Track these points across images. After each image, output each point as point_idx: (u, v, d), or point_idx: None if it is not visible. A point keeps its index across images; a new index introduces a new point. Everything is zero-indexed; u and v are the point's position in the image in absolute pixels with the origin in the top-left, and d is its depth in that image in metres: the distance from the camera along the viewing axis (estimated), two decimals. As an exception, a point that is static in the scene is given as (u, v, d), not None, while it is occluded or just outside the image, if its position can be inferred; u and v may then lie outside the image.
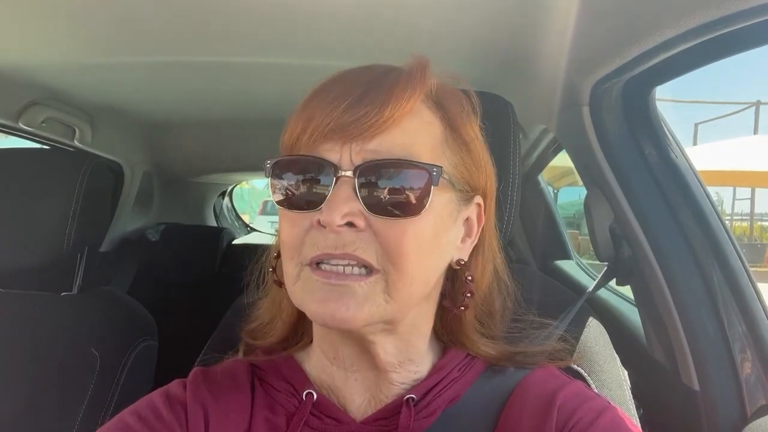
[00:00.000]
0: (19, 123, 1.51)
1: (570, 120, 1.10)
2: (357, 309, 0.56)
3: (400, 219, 0.57)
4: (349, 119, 0.56)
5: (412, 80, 0.59)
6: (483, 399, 0.66)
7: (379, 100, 0.57)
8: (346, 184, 0.57)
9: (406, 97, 0.58)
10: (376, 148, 0.57)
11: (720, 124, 13.66)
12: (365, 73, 0.61)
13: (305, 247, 0.58)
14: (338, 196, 0.56)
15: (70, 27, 1.13)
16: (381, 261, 0.57)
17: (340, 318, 0.56)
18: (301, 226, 0.59)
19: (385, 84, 0.59)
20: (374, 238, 0.57)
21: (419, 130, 0.60)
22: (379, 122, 0.56)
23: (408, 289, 0.59)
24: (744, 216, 13.22)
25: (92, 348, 1.22)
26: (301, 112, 0.60)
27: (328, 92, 0.59)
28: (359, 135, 0.57)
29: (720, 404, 0.91)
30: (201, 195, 3.21)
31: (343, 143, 0.57)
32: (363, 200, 0.57)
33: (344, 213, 0.56)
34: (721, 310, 0.94)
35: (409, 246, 0.57)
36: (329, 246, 0.56)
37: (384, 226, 0.57)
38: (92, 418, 1.16)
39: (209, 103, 1.82)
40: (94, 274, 1.43)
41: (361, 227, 0.57)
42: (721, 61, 0.81)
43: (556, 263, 1.98)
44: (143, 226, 2.50)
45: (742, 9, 0.61)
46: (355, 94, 0.58)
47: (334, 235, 0.56)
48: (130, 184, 2.15)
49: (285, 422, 0.64)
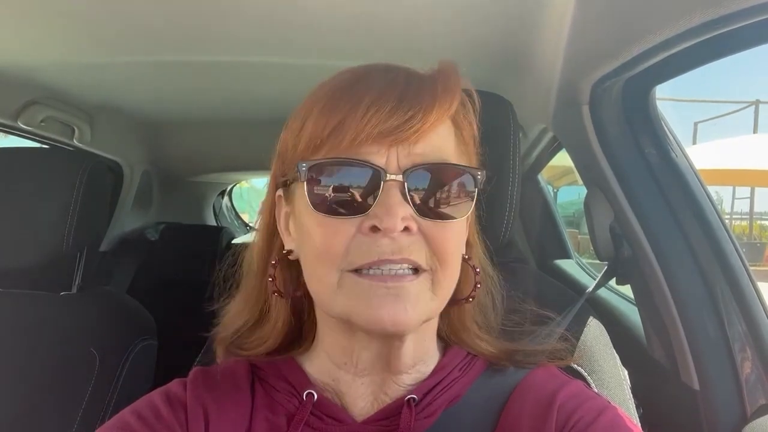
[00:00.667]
0: (18, 122, 1.51)
1: (570, 119, 1.10)
2: (413, 310, 0.57)
3: (448, 221, 0.59)
4: (396, 122, 0.55)
5: (451, 86, 0.60)
6: (483, 399, 0.66)
7: (424, 104, 0.57)
8: (395, 188, 0.56)
9: (448, 102, 0.58)
10: (422, 151, 0.57)
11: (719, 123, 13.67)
12: (391, 75, 0.60)
13: (352, 254, 0.57)
14: (393, 200, 0.55)
15: (70, 26, 1.13)
16: (429, 261, 0.58)
17: (400, 321, 0.56)
18: (346, 233, 0.57)
19: (424, 88, 0.58)
20: (423, 240, 0.58)
21: (448, 133, 0.61)
22: (425, 126, 0.56)
23: (450, 285, 0.61)
24: (743, 215, 13.23)
25: (91, 347, 1.21)
26: (325, 111, 0.58)
27: (358, 93, 0.58)
28: (406, 139, 0.56)
29: (720, 403, 0.91)
30: (200, 194, 3.22)
31: (389, 146, 0.57)
32: (414, 204, 0.57)
33: (402, 216, 0.55)
34: (721, 310, 0.94)
35: (454, 246, 0.60)
36: (386, 252, 0.56)
37: (433, 229, 0.58)
38: (91, 418, 1.15)
39: (209, 102, 1.82)
40: (94, 274, 1.42)
41: (414, 231, 0.57)
42: (720, 60, 0.81)
43: (556, 262, 1.98)
44: (142, 225, 2.50)
45: (742, 8, 0.61)
46: (394, 96, 0.57)
47: (388, 240, 0.56)
48: (130, 184, 2.15)
49: (285, 422, 0.64)
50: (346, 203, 0.57)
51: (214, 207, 3.51)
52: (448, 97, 0.58)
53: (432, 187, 0.58)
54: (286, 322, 0.69)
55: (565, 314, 0.87)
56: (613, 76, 0.91)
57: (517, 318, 0.77)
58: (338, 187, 0.57)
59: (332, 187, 0.58)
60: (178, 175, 2.63)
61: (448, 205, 0.59)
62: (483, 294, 0.72)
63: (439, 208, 0.58)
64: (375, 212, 0.56)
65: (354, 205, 0.57)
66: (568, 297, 0.93)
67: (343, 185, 0.57)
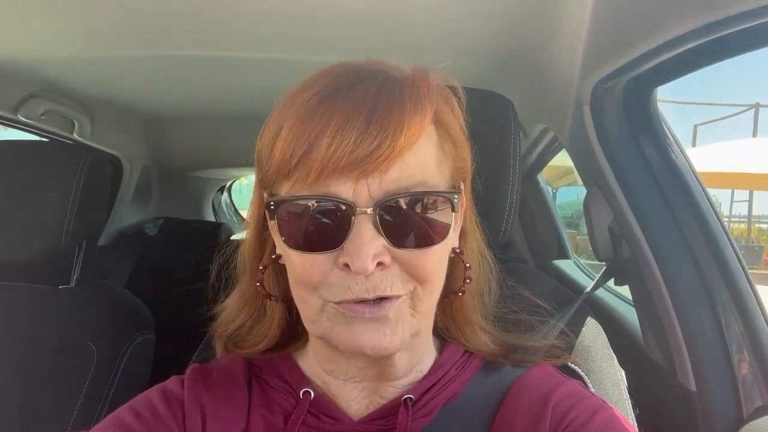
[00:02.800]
0: (18, 115, 1.51)
1: (570, 119, 1.10)
2: (393, 334, 0.57)
3: (426, 248, 0.57)
4: (363, 153, 0.52)
5: (420, 101, 0.56)
6: (480, 397, 0.66)
7: (391, 127, 0.53)
8: (366, 222, 0.54)
9: (418, 121, 0.55)
10: (396, 176, 0.55)
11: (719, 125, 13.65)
12: (360, 90, 0.56)
13: (331, 288, 0.57)
14: (363, 237, 0.54)
15: (71, 20, 1.12)
16: (407, 286, 0.57)
17: (379, 347, 0.56)
18: (322, 267, 0.56)
19: (392, 106, 0.55)
20: (399, 269, 0.57)
21: (425, 144, 0.58)
22: (394, 153, 0.53)
23: (431, 300, 0.60)
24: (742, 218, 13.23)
25: (89, 341, 1.21)
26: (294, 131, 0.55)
27: (324, 117, 0.54)
28: (375, 169, 0.53)
29: (716, 405, 0.91)
30: (200, 190, 3.21)
31: (357, 178, 0.54)
32: (387, 236, 0.55)
33: (374, 254, 0.54)
34: (719, 311, 0.94)
35: (434, 267, 0.59)
36: (362, 291, 0.55)
37: (409, 257, 0.56)
38: (88, 412, 1.16)
39: (209, 97, 1.81)
40: (92, 268, 1.42)
41: (387, 264, 0.56)
42: (721, 63, 0.81)
43: (555, 263, 1.98)
44: (141, 220, 2.50)
45: (743, 11, 0.61)
46: (360, 119, 0.53)
47: (363, 278, 0.55)
48: (129, 178, 2.15)
49: (282, 421, 0.64)
50: (319, 239, 0.56)
51: (213, 203, 3.51)
52: (418, 114, 0.55)
53: (405, 215, 0.55)
54: (281, 320, 0.69)
55: (564, 314, 0.87)
56: (614, 77, 0.91)
57: (515, 306, 0.78)
58: (310, 222, 0.55)
59: (304, 224, 0.56)
60: (177, 170, 2.63)
61: (424, 231, 0.56)
62: (482, 282, 0.72)
63: (415, 237, 0.56)
64: (347, 249, 0.54)
65: (327, 240, 0.55)
66: (567, 297, 0.93)
67: (314, 221, 0.55)
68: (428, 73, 0.60)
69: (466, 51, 1.22)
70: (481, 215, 0.72)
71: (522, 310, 0.78)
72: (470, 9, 1.02)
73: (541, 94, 1.24)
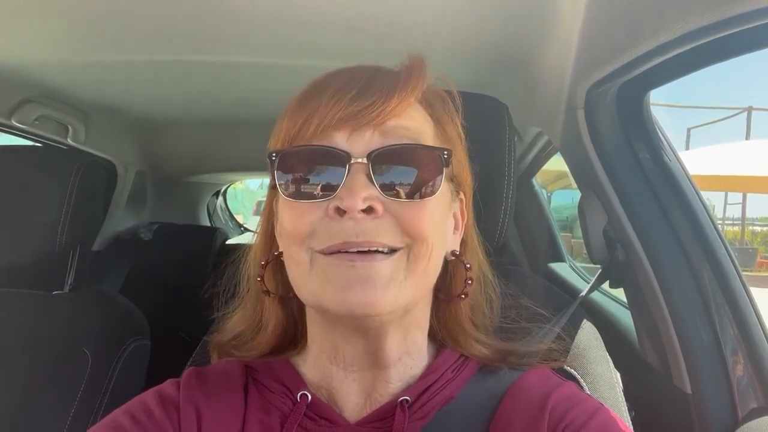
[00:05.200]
0: (12, 120, 1.50)
1: (565, 123, 1.10)
2: (384, 291, 0.56)
3: (417, 201, 0.59)
4: (357, 108, 0.57)
5: (413, 74, 0.61)
6: (476, 400, 0.66)
7: (385, 89, 0.59)
8: (360, 171, 0.57)
9: (410, 88, 0.60)
10: (390, 133, 0.59)
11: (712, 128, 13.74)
12: (360, 70, 0.62)
13: (318, 236, 0.58)
14: (355, 182, 0.56)
15: (65, 25, 1.12)
16: (403, 240, 0.58)
17: (368, 303, 0.56)
18: (313, 215, 0.58)
19: (387, 77, 0.61)
20: (393, 221, 0.58)
21: (420, 120, 0.62)
22: (386, 110, 0.58)
23: (427, 265, 0.60)
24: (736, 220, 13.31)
25: (84, 347, 1.21)
26: (297, 109, 0.61)
27: (325, 88, 0.60)
28: (368, 122, 0.58)
29: (711, 407, 0.91)
30: (195, 194, 3.20)
31: (352, 131, 0.58)
32: (379, 185, 0.57)
33: (364, 197, 0.56)
34: (714, 314, 0.95)
35: (429, 225, 0.59)
36: (349, 234, 0.56)
37: (401, 209, 0.58)
38: (83, 418, 1.15)
39: (204, 102, 1.81)
40: (86, 273, 1.42)
41: (379, 212, 0.57)
42: (714, 66, 0.81)
43: (550, 266, 1.98)
44: (136, 225, 2.49)
45: (736, 14, 0.62)
46: (357, 86, 0.59)
47: (352, 222, 0.56)
48: (123, 183, 2.14)
49: (279, 424, 0.64)
50: (314, 187, 0.58)
51: (209, 207, 3.50)
52: (410, 82, 0.60)
53: (398, 167, 0.58)
54: (278, 325, 0.69)
55: (559, 317, 0.87)
56: (607, 81, 0.91)
57: (513, 315, 0.78)
58: (305, 172, 0.59)
59: (300, 173, 0.59)
60: (172, 175, 2.62)
61: (416, 185, 0.59)
62: (478, 294, 0.72)
63: (407, 189, 0.58)
64: (339, 194, 0.56)
65: (321, 189, 0.58)
66: (562, 300, 0.94)
67: (310, 171, 0.59)
68: (425, 60, 0.64)
69: (461, 55, 1.23)
70: (476, 218, 0.72)
71: (518, 315, 0.78)
72: (465, 14, 1.03)
73: (535, 98, 1.24)
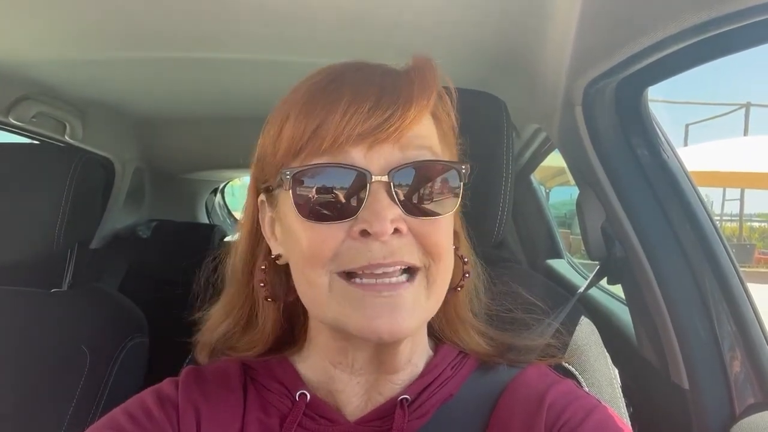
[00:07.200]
0: (9, 118, 1.50)
1: (563, 119, 1.10)
2: (410, 318, 0.56)
3: (436, 217, 0.58)
4: (375, 122, 0.55)
5: (428, 81, 0.59)
6: (475, 397, 0.66)
7: (402, 101, 0.56)
8: (381, 189, 0.55)
9: (426, 97, 0.58)
10: (405, 149, 0.57)
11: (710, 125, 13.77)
12: (368, 74, 0.59)
13: (342, 258, 0.56)
14: (380, 203, 0.55)
15: (63, 23, 1.12)
16: (422, 259, 0.58)
17: (396, 330, 0.56)
18: (335, 238, 0.56)
19: (402, 86, 0.58)
20: (414, 240, 0.57)
21: (430, 126, 0.61)
22: (405, 123, 0.56)
23: (445, 280, 0.61)
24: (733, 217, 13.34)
25: (82, 345, 1.21)
26: (303, 115, 0.57)
27: (334, 95, 0.57)
28: (387, 138, 0.55)
29: (709, 403, 0.92)
30: (193, 192, 3.20)
31: (370, 148, 0.56)
32: (401, 204, 0.56)
33: (391, 219, 0.55)
34: (711, 310, 0.95)
35: (445, 240, 0.59)
36: (378, 257, 0.55)
37: (423, 227, 0.57)
38: (82, 416, 1.15)
39: (201, 99, 1.81)
40: (84, 271, 1.41)
41: (404, 232, 0.56)
42: (712, 63, 0.81)
43: (548, 262, 1.98)
44: (134, 222, 2.49)
45: (734, 11, 0.62)
46: (370, 97, 0.56)
47: (379, 244, 0.55)
48: (121, 181, 2.14)
49: (278, 423, 0.64)
50: (333, 208, 0.56)
51: (207, 205, 3.50)
52: (426, 93, 0.58)
53: (417, 184, 0.57)
54: (274, 326, 0.69)
55: (557, 313, 0.87)
56: (606, 77, 0.91)
57: (510, 306, 0.78)
58: (324, 192, 0.56)
59: (318, 193, 0.57)
60: (170, 172, 2.62)
61: (434, 201, 0.58)
62: (476, 281, 0.73)
63: (427, 205, 0.58)
64: (363, 216, 0.55)
65: (341, 209, 0.56)
66: (560, 296, 0.94)
67: (328, 190, 0.56)
68: (432, 61, 0.62)
69: (460, 52, 1.23)
70: (475, 215, 0.72)
71: (516, 310, 0.79)
72: (463, 11, 1.03)
73: (533, 95, 1.24)
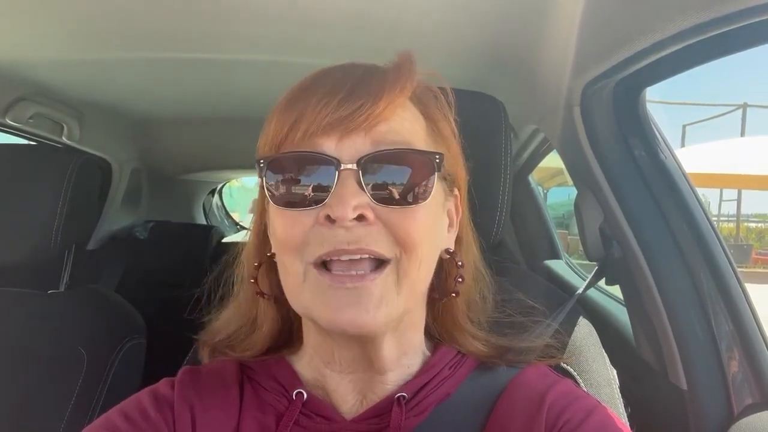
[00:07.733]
0: (6, 119, 1.49)
1: (561, 120, 1.10)
2: (375, 311, 0.56)
3: (409, 207, 0.58)
4: (345, 112, 0.56)
5: (401, 74, 0.60)
6: (473, 397, 0.66)
7: (372, 92, 0.57)
8: (350, 177, 0.56)
9: (399, 89, 0.58)
10: (375, 139, 0.57)
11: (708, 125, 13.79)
12: (348, 71, 0.61)
13: (311, 246, 0.57)
14: (345, 189, 0.55)
15: (60, 23, 1.12)
16: (393, 250, 0.57)
17: (360, 323, 0.55)
18: (304, 224, 0.57)
19: (374, 78, 0.59)
20: (384, 229, 0.57)
21: (411, 121, 0.61)
22: (375, 113, 0.56)
23: (418, 276, 0.59)
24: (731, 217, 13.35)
25: (79, 346, 1.20)
26: (284, 111, 0.59)
27: (313, 90, 0.59)
28: (356, 128, 0.56)
29: (707, 403, 0.92)
30: (190, 193, 3.20)
31: (341, 137, 0.57)
32: (370, 192, 0.56)
33: (354, 205, 0.55)
34: (709, 310, 0.95)
35: (419, 231, 0.58)
36: (341, 242, 0.55)
37: (393, 216, 0.57)
38: (79, 417, 1.15)
39: (199, 100, 1.81)
40: (82, 272, 1.41)
41: (371, 220, 0.56)
42: (709, 64, 0.81)
43: (546, 263, 1.98)
44: (131, 223, 2.48)
45: (732, 11, 0.62)
46: (344, 89, 0.57)
47: (344, 230, 0.55)
48: (119, 182, 2.13)
49: (275, 422, 0.63)
50: (304, 195, 0.57)
51: (204, 206, 3.50)
52: (398, 83, 0.58)
53: (388, 173, 0.57)
54: (272, 326, 0.69)
55: (556, 314, 0.87)
56: (604, 78, 0.92)
57: (509, 310, 0.78)
58: (294, 180, 0.58)
59: (289, 181, 0.58)
60: (168, 173, 2.62)
61: (407, 190, 0.58)
62: (474, 290, 0.72)
63: (398, 194, 0.57)
64: (329, 202, 0.56)
65: (311, 197, 0.57)
66: (558, 297, 0.94)
67: (299, 178, 0.58)
68: (413, 56, 0.63)
69: (458, 53, 1.23)
70: (473, 216, 0.72)
71: (514, 311, 0.78)
72: (462, 12, 1.03)
73: (531, 96, 1.24)
